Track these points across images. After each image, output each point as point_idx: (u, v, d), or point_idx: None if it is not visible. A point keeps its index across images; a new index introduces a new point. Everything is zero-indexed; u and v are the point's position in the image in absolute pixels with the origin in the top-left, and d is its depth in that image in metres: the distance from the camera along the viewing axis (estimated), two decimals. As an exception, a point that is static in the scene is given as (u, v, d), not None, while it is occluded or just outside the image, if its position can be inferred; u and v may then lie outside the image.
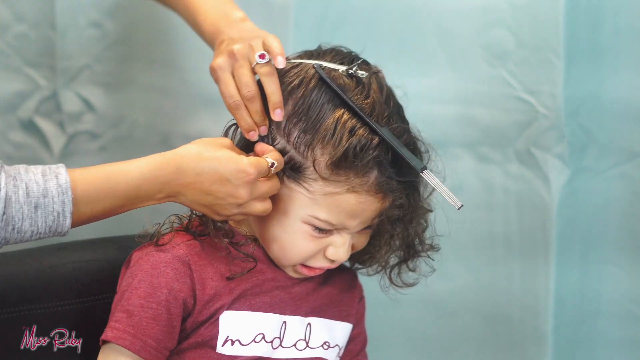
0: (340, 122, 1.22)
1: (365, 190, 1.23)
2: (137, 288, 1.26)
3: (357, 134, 1.21)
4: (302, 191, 1.24)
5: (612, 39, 1.72)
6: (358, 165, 1.21)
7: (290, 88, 1.26)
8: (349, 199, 1.23)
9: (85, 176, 1.17)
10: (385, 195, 1.24)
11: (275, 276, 1.32)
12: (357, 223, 1.26)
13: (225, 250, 1.28)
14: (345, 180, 1.22)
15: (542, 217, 1.75)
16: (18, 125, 1.83)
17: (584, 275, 1.79)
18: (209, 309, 1.27)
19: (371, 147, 1.22)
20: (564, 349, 1.79)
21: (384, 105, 1.25)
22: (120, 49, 1.83)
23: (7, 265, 1.36)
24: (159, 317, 1.25)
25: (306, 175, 1.23)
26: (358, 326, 1.41)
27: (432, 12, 1.75)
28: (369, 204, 1.24)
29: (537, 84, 1.73)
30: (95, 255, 1.42)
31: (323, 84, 1.25)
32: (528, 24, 1.72)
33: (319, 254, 1.28)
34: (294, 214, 1.26)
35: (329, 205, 1.23)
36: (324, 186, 1.23)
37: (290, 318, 1.32)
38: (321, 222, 1.25)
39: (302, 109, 1.24)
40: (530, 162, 1.76)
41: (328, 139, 1.22)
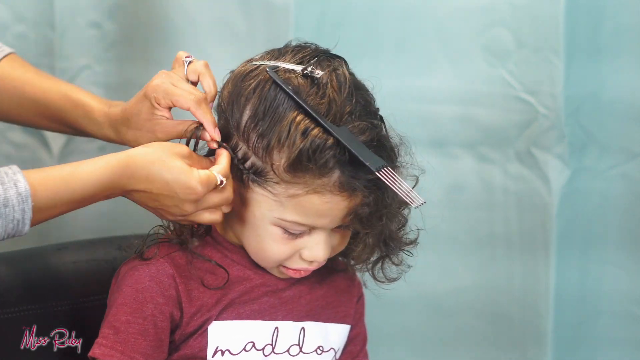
0: (294, 124, 1.20)
1: (328, 191, 1.21)
2: (122, 304, 1.26)
3: (310, 135, 1.19)
4: (267, 195, 1.22)
5: (612, 38, 1.72)
6: (314, 167, 1.19)
7: (247, 92, 1.24)
8: (312, 199, 1.21)
9: (44, 182, 1.17)
10: (352, 194, 1.22)
11: (264, 281, 1.31)
12: (328, 222, 1.24)
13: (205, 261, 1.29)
14: (306, 182, 1.20)
15: (542, 217, 1.75)
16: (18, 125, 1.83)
17: (584, 275, 1.79)
18: (197, 320, 1.27)
19: (326, 147, 1.19)
20: (564, 348, 1.79)
21: (343, 102, 1.22)
22: (120, 49, 1.83)
23: (7, 265, 1.36)
24: (146, 332, 1.25)
25: (268, 179, 1.22)
26: (357, 326, 1.40)
27: (432, 12, 1.75)
28: (335, 203, 1.22)
29: (537, 84, 1.73)
30: (95, 255, 1.42)
31: (276, 84, 1.23)
32: (528, 24, 1.72)
33: (294, 255, 1.26)
34: (262, 218, 1.24)
35: (295, 206, 1.22)
36: (286, 189, 1.21)
37: (282, 323, 1.31)
38: (289, 223, 1.23)
39: (258, 113, 1.22)
40: (530, 162, 1.76)
41: (283, 142, 1.20)
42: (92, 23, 1.82)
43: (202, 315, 1.27)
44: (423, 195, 1.79)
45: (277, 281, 1.32)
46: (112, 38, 1.83)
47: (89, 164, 1.20)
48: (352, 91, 1.24)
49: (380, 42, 1.77)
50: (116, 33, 1.82)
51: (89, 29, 1.81)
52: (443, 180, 1.80)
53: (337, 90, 1.23)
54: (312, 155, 1.19)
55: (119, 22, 1.82)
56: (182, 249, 1.29)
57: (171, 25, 1.79)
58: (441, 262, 1.81)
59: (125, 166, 1.19)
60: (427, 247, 1.80)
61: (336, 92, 1.22)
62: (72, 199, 1.19)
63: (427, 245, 1.81)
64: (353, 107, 1.23)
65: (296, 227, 1.24)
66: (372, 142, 1.22)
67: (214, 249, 1.31)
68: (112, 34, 1.82)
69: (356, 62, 1.76)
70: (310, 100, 1.21)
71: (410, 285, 1.82)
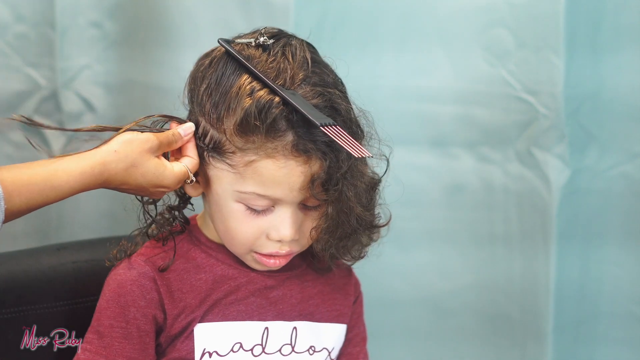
0: (242, 88, 1.21)
1: (282, 155, 1.20)
2: (106, 308, 1.26)
3: (256, 95, 1.19)
4: (226, 168, 1.22)
5: (612, 38, 1.72)
6: (262, 126, 1.19)
7: (203, 69, 1.26)
8: (267, 164, 1.20)
9: (17, 189, 1.18)
10: (308, 158, 1.21)
11: (249, 280, 1.30)
12: (287, 191, 1.22)
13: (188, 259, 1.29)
14: (259, 146, 1.20)
15: (542, 217, 1.75)
16: (18, 125, 1.83)
17: (584, 274, 1.79)
18: (181, 322, 1.27)
19: (273, 106, 1.19)
20: (564, 348, 1.79)
21: (296, 70, 1.22)
22: (120, 49, 1.83)
23: (7, 265, 1.36)
24: (130, 336, 1.25)
25: (225, 150, 1.22)
26: (356, 326, 1.40)
27: (432, 12, 1.75)
28: (290, 168, 1.20)
29: (537, 83, 1.73)
30: (95, 255, 1.42)
31: (229, 57, 1.24)
32: (528, 24, 1.72)
33: (262, 237, 1.25)
34: (225, 195, 1.24)
35: (252, 175, 1.21)
36: (242, 156, 1.21)
37: (272, 324, 1.30)
38: (249, 195, 1.22)
39: (211, 84, 1.24)
40: (530, 162, 1.76)
41: (232, 107, 1.21)
42: (92, 23, 1.82)
43: (186, 317, 1.27)
44: (424, 196, 1.80)
45: (264, 280, 1.31)
46: (112, 38, 1.83)
47: (64, 174, 1.20)
48: (307, 61, 1.24)
49: (381, 42, 1.77)
50: (117, 33, 1.82)
51: (89, 29, 1.81)
52: (443, 180, 1.80)
53: (289, 58, 1.23)
54: (258, 114, 1.19)
55: (119, 21, 1.82)
56: (164, 251, 1.29)
57: (172, 25, 1.78)
58: (441, 262, 1.81)
59: (99, 174, 1.21)
60: (427, 247, 1.82)
61: (288, 60, 1.23)
62: (46, 202, 1.20)
63: (427, 245, 1.82)
64: (307, 75, 1.23)
65: (257, 201, 1.23)
66: (325, 107, 1.21)
67: (198, 248, 1.31)
68: (112, 33, 1.82)
69: (356, 62, 1.77)
70: (260, 66, 1.22)
71: (410, 285, 1.83)
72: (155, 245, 1.30)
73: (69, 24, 1.80)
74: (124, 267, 1.28)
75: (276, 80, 1.21)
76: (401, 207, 1.80)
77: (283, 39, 1.26)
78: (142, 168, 1.22)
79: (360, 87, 1.77)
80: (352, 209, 1.23)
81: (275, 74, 1.22)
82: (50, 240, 1.79)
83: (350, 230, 1.25)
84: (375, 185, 1.29)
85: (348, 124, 1.23)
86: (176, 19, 1.77)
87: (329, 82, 1.24)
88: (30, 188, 1.18)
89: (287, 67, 1.22)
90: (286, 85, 1.21)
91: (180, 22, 1.77)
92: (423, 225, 1.81)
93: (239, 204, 1.24)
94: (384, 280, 1.80)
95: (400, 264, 1.81)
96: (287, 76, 1.22)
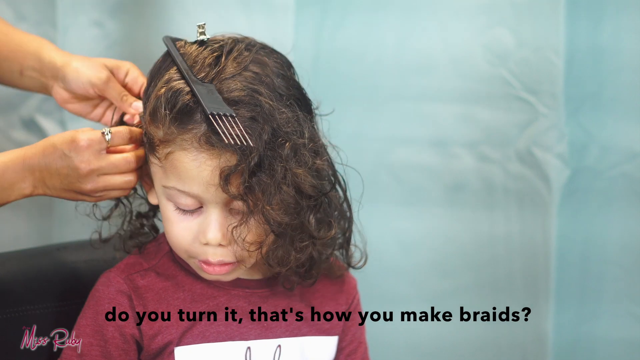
0: (164, 78, 1.21)
1: (193, 147, 1.17)
2: (84, 326, 1.27)
3: (169, 85, 1.19)
4: (156, 162, 1.22)
5: (612, 38, 1.72)
6: (170, 115, 1.17)
7: (152, 68, 1.27)
8: (180, 156, 1.18)
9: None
10: (220, 152, 1.17)
11: (229, 298, 1.28)
12: (202, 187, 1.18)
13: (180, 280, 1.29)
14: (174, 138, 1.18)
15: (543, 217, 1.75)
16: (19, 123, 1.83)
17: (584, 273, 1.79)
18: (157, 343, 1.26)
19: (181, 94, 1.18)
20: (565, 348, 1.79)
21: (228, 66, 1.20)
22: (121, 49, 1.83)
23: (7, 265, 1.36)
24: (109, 355, 1.25)
25: (153, 143, 1.21)
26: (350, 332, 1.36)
27: (432, 12, 1.75)
28: (201, 161, 1.17)
29: (538, 83, 1.72)
30: (95, 255, 1.42)
31: (168, 53, 1.25)
32: (528, 24, 1.72)
33: (196, 241, 1.22)
34: (159, 192, 1.23)
35: (171, 168, 1.19)
36: (163, 148, 1.19)
37: (255, 343, 1.28)
38: (172, 191, 1.20)
39: (149, 80, 1.25)
40: (530, 161, 1.75)
41: (151, 95, 1.21)
42: (94, 22, 1.82)
43: (163, 338, 1.26)
44: (424, 195, 1.80)
45: (246, 297, 1.29)
46: (114, 37, 1.83)
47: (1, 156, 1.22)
48: (244, 60, 1.22)
49: (381, 42, 1.77)
50: (118, 32, 1.82)
51: (91, 28, 1.81)
52: (443, 179, 1.80)
53: (222, 55, 1.22)
54: (167, 102, 1.18)
55: (121, 21, 1.82)
56: (145, 269, 1.28)
57: (172, 25, 1.79)
58: (441, 262, 1.81)
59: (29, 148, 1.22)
60: (427, 247, 1.82)
61: (220, 56, 1.22)
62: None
63: (427, 245, 1.82)
64: (238, 72, 1.20)
65: (180, 198, 1.20)
66: (246, 103, 1.18)
67: (177, 265, 1.30)
68: (114, 33, 1.82)
69: (356, 62, 1.77)
70: (189, 60, 1.22)
71: (410, 285, 1.83)
72: (141, 256, 1.30)
73: (71, 23, 1.81)
74: (103, 282, 1.28)
75: (198, 72, 1.20)
76: (401, 207, 1.81)
77: (227, 40, 1.25)
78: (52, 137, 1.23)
79: (361, 87, 1.78)
80: (258, 207, 1.18)
81: (199, 67, 1.21)
82: (51, 240, 1.79)
83: (276, 235, 1.20)
84: (316, 193, 1.22)
85: (272, 124, 1.18)
86: (177, 19, 1.77)
87: (265, 82, 1.21)
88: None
89: (219, 62, 1.21)
90: (207, 78, 1.19)
91: (181, 22, 1.77)
92: (423, 225, 1.81)
93: (169, 202, 1.22)
94: (384, 280, 1.80)
95: (400, 264, 1.81)
96: (213, 70, 1.20)
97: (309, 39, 1.74)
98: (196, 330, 1.27)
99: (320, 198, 1.24)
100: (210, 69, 1.20)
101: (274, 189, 1.18)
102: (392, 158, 1.79)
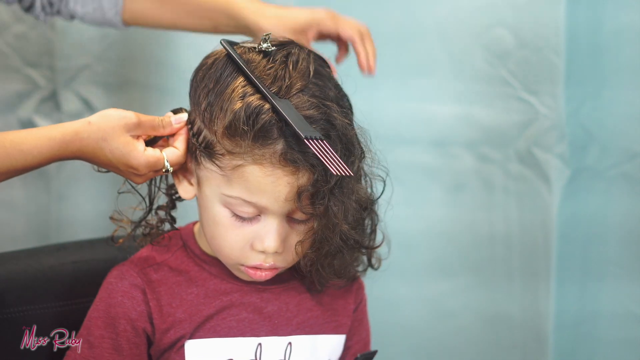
0: (235, 90, 1.19)
1: (270, 163, 1.17)
2: (96, 318, 1.26)
3: (247, 99, 1.18)
4: (215, 169, 1.21)
5: (613, 39, 1.72)
6: (250, 130, 1.17)
7: (204, 68, 1.25)
8: (254, 170, 1.18)
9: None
10: (296, 169, 1.17)
11: (242, 295, 1.28)
12: (272, 200, 1.19)
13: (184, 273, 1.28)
14: (247, 151, 1.18)
15: (543, 217, 1.76)
16: (18, 124, 1.83)
17: (584, 274, 1.79)
18: (170, 337, 1.26)
19: (262, 112, 1.17)
20: (565, 349, 1.79)
21: (294, 78, 1.20)
22: (120, 49, 1.83)
23: (7, 265, 1.36)
24: (120, 348, 1.25)
25: (216, 151, 1.20)
26: (357, 334, 1.37)
27: (432, 12, 1.75)
28: (277, 177, 1.18)
29: (538, 84, 1.73)
30: (95, 255, 1.42)
31: (229, 58, 1.23)
32: (528, 24, 1.72)
33: (247, 246, 1.22)
34: (212, 197, 1.22)
35: (239, 180, 1.19)
36: (231, 160, 1.19)
37: (266, 339, 1.28)
38: (234, 200, 1.20)
39: (209, 85, 1.23)
40: (530, 162, 1.76)
41: (223, 108, 1.19)
42: (92, 22, 1.82)
43: (175, 332, 1.26)
44: (424, 195, 1.80)
45: (259, 294, 1.29)
46: (112, 38, 1.83)
47: (33, 138, 1.19)
48: (309, 72, 1.22)
49: (381, 42, 1.76)
50: (116, 33, 1.82)
51: (89, 29, 1.81)
52: (443, 179, 1.80)
53: (289, 67, 1.21)
54: (246, 119, 1.17)
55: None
56: (158, 263, 1.28)
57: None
58: (441, 262, 1.81)
59: (70, 142, 1.19)
60: (427, 247, 1.82)
61: (288, 68, 1.21)
62: (14, 167, 1.18)
63: (427, 245, 1.82)
64: (305, 85, 1.20)
65: (242, 207, 1.20)
66: (319, 120, 1.18)
67: (192, 260, 1.29)
68: (112, 33, 1.82)
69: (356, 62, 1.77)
70: (257, 71, 1.21)
71: (410, 285, 1.83)
72: (154, 249, 1.30)
73: (69, 24, 1.80)
74: (116, 275, 1.27)
75: (271, 87, 1.19)
76: (401, 207, 1.81)
77: (289, 47, 1.24)
78: (112, 143, 1.20)
79: (361, 87, 1.78)
80: (336, 226, 1.19)
81: (271, 81, 1.20)
82: (50, 240, 1.79)
83: (335, 248, 1.22)
84: (369, 205, 1.26)
85: (343, 140, 1.20)
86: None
87: (329, 95, 1.22)
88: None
89: (285, 75, 1.21)
90: (281, 93, 1.19)
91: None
92: (423, 225, 1.81)
93: (225, 209, 1.22)
94: (384, 280, 1.80)
95: (400, 264, 1.81)
96: (284, 84, 1.20)
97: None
98: (208, 325, 1.27)
99: (372, 208, 1.26)
100: (281, 82, 1.20)
101: (348, 206, 1.20)
102: (392, 158, 1.79)
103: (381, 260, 1.35)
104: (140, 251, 1.30)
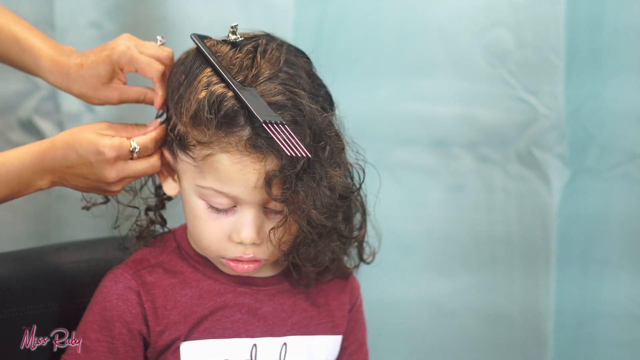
0: (201, 80, 1.21)
1: (237, 150, 1.18)
2: (92, 322, 1.27)
3: (211, 89, 1.19)
4: (189, 161, 1.22)
5: (613, 39, 1.72)
6: (214, 118, 1.18)
7: (178, 63, 1.27)
8: (222, 159, 1.19)
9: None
10: (264, 156, 1.18)
11: (236, 296, 1.29)
12: (243, 189, 1.19)
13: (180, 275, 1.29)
14: (214, 140, 1.19)
15: (543, 218, 1.75)
16: (17, 125, 1.83)
17: (584, 274, 1.79)
18: (165, 339, 1.26)
19: (225, 99, 1.18)
20: (565, 349, 1.79)
21: (261, 67, 1.21)
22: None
23: (7, 265, 1.36)
24: (116, 351, 1.25)
25: (188, 143, 1.21)
26: (352, 334, 1.37)
27: (432, 12, 1.75)
28: (244, 164, 1.18)
29: (538, 84, 1.73)
30: (95, 255, 1.42)
31: (198, 52, 1.25)
32: (528, 24, 1.72)
33: (225, 238, 1.23)
34: (189, 190, 1.23)
35: (209, 169, 1.20)
36: (201, 150, 1.20)
37: (261, 340, 1.28)
38: (208, 191, 1.21)
39: (179, 78, 1.25)
40: (530, 162, 1.76)
41: (190, 98, 1.21)
42: (92, 23, 1.82)
43: (170, 334, 1.26)
44: (424, 196, 1.80)
45: (253, 294, 1.29)
46: (112, 38, 1.82)
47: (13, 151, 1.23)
48: (278, 61, 1.23)
49: (381, 42, 1.77)
50: (116, 33, 1.82)
51: (89, 29, 1.81)
52: (443, 180, 1.80)
53: (257, 56, 1.22)
54: (210, 107, 1.18)
55: (119, 22, 1.82)
56: (152, 265, 1.29)
57: (171, 25, 1.78)
58: (441, 262, 1.81)
59: (48, 149, 1.23)
60: (427, 247, 1.82)
61: (256, 58, 1.22)
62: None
63: (427, 245, 1.82)
64: (274, 74, 1.21)
65: (216, 198, 1.21)
66: (287, 106, 1.19)
67: (185, 262, 1.30)
68: (112, 33, 1.82)
69: (356, 62, 1.78)
70: (225, 62, 1.22)
71: (410, 285, 1.83)
72: (148, 251, 1.30)
73: (69, 24, 1.80)
74: (111, 278, 1.28)
75: (237, 76, 1.20)
76: (401, 207, 1.81)
77: (258, 39, 1.25)
78: (79, 136, 1.23)
79: (361, 87, 1.78)
80: (304, 211, 1.19)
81: (237, 70, 1.21)
82: (50, 240, 1.79)
83: (307, 236, 1.22)
84: (347, 193, 1.25)
85: (312, 126, 1.20)
86: (176, 19, 1.77)
87: (300, 83, 1.22)
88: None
89: (253, 64, 1.22)
90: (247, 82, 1.20)
91: (180, 23, 1.76)
92: (423, 226, 1.81)
93: (201, 200, 1.23)
94: (384, 280, 1.80)
95: (400, 264, 1.81)
96: (250, 73, 1.21)
97: (309, 39, 1.73)
98: (203, 326, 1.27)
99: (350, 197, 1.26)
100: (248, 71, 1.21)
101: (317, 191, 1.19)
102: (392, 158, 1.79)
103: (375, 254, 1.34)
104: (135, 254, 1.31)
